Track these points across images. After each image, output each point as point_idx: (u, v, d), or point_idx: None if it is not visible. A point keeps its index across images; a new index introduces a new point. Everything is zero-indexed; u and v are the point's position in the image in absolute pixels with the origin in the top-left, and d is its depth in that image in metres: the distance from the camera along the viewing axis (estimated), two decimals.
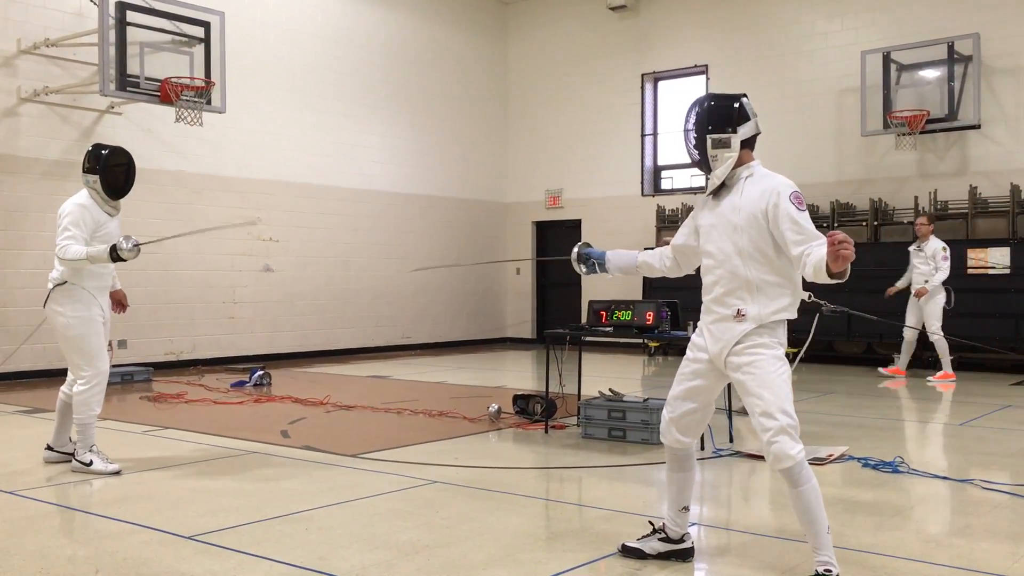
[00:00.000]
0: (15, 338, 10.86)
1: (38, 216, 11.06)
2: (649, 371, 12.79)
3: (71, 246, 5.64)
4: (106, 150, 5.88)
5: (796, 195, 3.55)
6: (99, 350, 5.78)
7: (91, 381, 5.73)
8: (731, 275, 3.63)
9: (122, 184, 5.91)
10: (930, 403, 9.48)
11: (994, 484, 5.45)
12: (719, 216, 3.69)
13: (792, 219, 3.48)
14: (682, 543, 3.97)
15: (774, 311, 3.60)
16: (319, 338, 14.28)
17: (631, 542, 4.04)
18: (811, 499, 3.50)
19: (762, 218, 3.56)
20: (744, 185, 3.66)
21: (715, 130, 3.67)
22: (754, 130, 3.73)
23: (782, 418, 3.48)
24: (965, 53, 12.55)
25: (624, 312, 7.09)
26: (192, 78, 11.11)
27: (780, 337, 3.64)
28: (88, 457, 5.75)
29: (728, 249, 3.64)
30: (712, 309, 3.73)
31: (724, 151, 3.67)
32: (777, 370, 3.56)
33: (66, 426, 6.03)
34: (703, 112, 3.72)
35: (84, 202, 5.82)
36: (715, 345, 3.70)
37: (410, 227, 15.66)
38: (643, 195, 15.93)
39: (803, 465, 3.48)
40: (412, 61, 15.78)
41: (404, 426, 7.73)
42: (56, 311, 5.78)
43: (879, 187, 13.51)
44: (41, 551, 4.16)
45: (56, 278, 5.80)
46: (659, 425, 6.68)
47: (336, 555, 4.10)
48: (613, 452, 6.53)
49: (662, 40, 15.79)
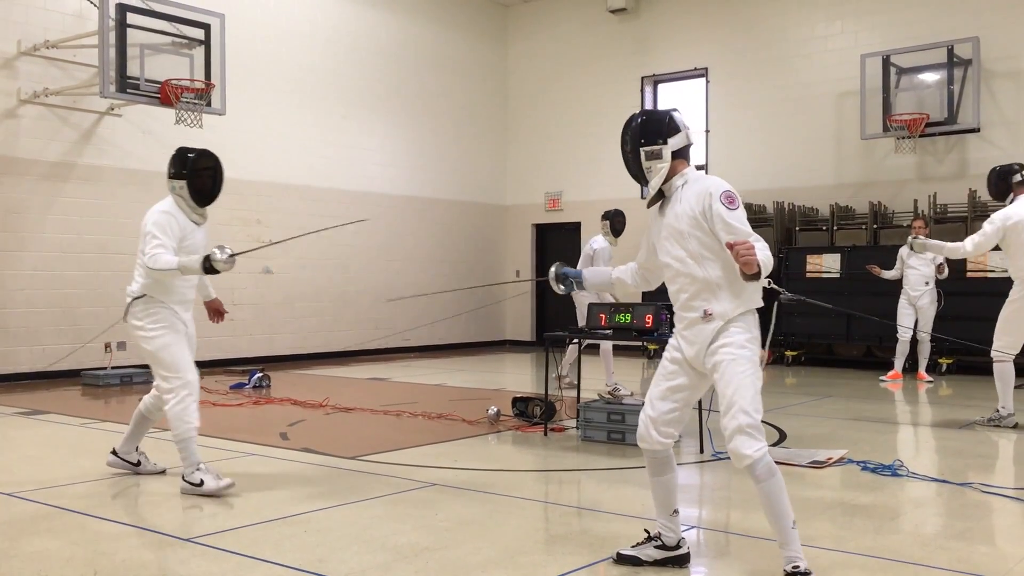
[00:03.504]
0: (15, 339, 10.86)
1: (37, 218, 11.07)
2: (648, 373, 12.79)
3: (161, 255, 5.25)
4: (192, 153, 5.56)
5: (727, 195, 3.68)
6: (184, 360, 5.41)
7: (179, 393, 5.34)
8: (691, 279, 3.77)
9: (210, 189, 5.54)
10: (929, 406, 9.47)
11: (993, 488, 5.45)
12: (666, 227, 3.85)
13: (724, 220, 3.63)
14: (678, 549, 3.96)
15: (737, 304, 3.72)
16: (318, 340, 14.28)
17: (626, 550, 4.02)
18: (773, 494, 3.59)
19: (702, 219, 3.70)
20: (681, 192, 3.82)
21: (647, 143, 3.88)
22: (685, 141, 3.90)
23: (741, 417, 3.58)
24: (965, 56, 12.56)
25: (623, 315, 7.09)
26: (192, 80, 11.12)
27: (752, 329, 3.75)
28: (198, 476, 5.27)
29: (681, 255, 3.79)
30: (682, 316, 3.85)
31: (656, 162, 3.86)
32: (742, 369, 3.64)
33: (137, 435, 5.75)
34: (636, 127, 3.95)
35: (170, 209, 5.44)
36: (691, 349, 3.80)
37: (409, 229, 15.66)
38: (643, 198, 15.90)
39: (761, 462, 3.57)
40: (412, 63, 15.79)
41: (403, 428, 7.72)
42: (135, 325, 5.53)
43: (878, 190, 13.51)
44: (39, 553, 4.16)
45: (135, 291, 5.51)
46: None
47: (334, 557, 4.10)
48: (612, 455, 6.53)
49: (662, 43, 15.80)
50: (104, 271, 11.59)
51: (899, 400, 9.87)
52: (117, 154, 11.79)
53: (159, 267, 5.24)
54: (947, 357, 11.98)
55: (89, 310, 11.44)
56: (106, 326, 11.52)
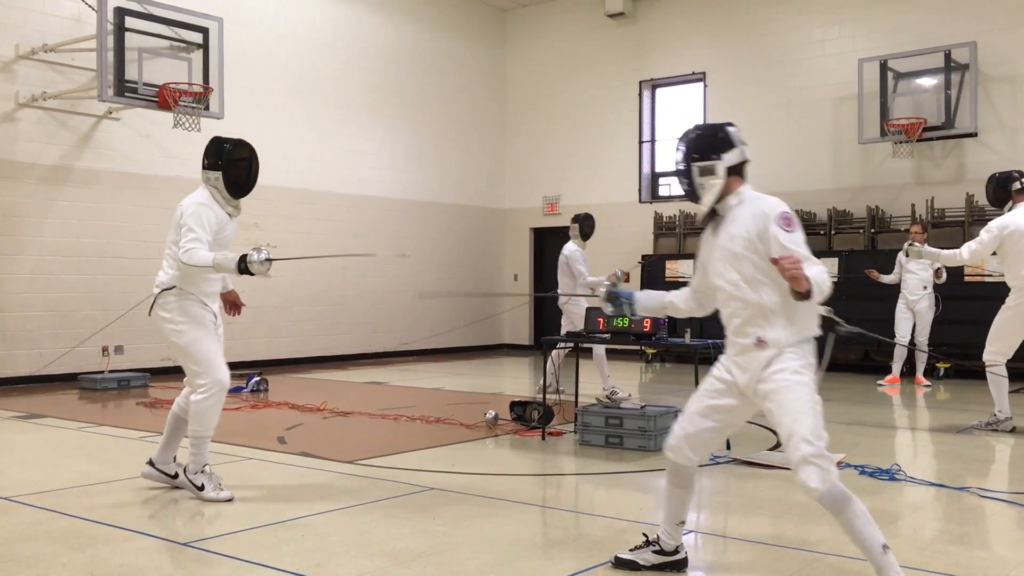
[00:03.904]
0: (12, 343, 10.85)
1: (35, 221, 11.06)
2: (646, 378, 12.79)
3: (197, 250, 5.08)
4: (228, 143, 5.41)
5: (784, 216, 3.55)
6: (215, 356, 5.26)
7: (210, 390, 5.20)
8: (744, 303, 3.62)
9: (245, 180, 5.40)
10: (927, 410, 9.48)
11: (991, 492, 5.45)
12: (719, 248, 3.70)
13: (780, 244, 3.47)
14: (676, 554, 3.95)
15: (793, 331, 3.55)
16: (316, 344, 14.27)
17: (624, 553, 4.00)
18: (852, 524, 3.39)
19: (758, 241, 3.55)
20: (735, 212, 3.68)
21: (700, 158, 3.73)
22: (740, 157, 3.75)
23: (804, 448, 3.40)
24: (962, 61, 12.58)
25: (622, 319, 7.09)
26: (190, 84, 11.12)
27: (807, 356, 3.57)
28: (200, 480, 5.21)
29: (735, 278, 3.63)
30: (734, 341, 3.69)
31: (710, 179, 3.71)
32: (798, 395, 3.47)
33: (173, 443, 5.50)
34: (689, 142, 3.79)
35: (206, 201, 5.30)
36: (743, 375, 3.64)
37: (408, 233, 15.65)
38: (641, 202, 15.95)
39: (832, 493, 3.38)
40: (411, 67, 15.80)
41: (401, 432, 7.72)
42: (163, 317, 5.29)
43: (876, 195, 13.53)
44: (36, 557, 4.15)
45: (164, 282, 5.30)
46: (656, 432, 6.73)
47: (332, 562, 4.09)
48: (610, 459, 6.52)
49: (660, 47, 15.82)
50: (102, 275, 11.59)
51: (896, 404, 9.88)
52: (115, 158, 11.79)
53: (194, 262, 5.08)
54: (944, 362, 11.99)
55: (87, 314, 11.42)
56: (104, 330, 11.52)
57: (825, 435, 3.46)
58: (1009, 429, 7.59)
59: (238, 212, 5.49)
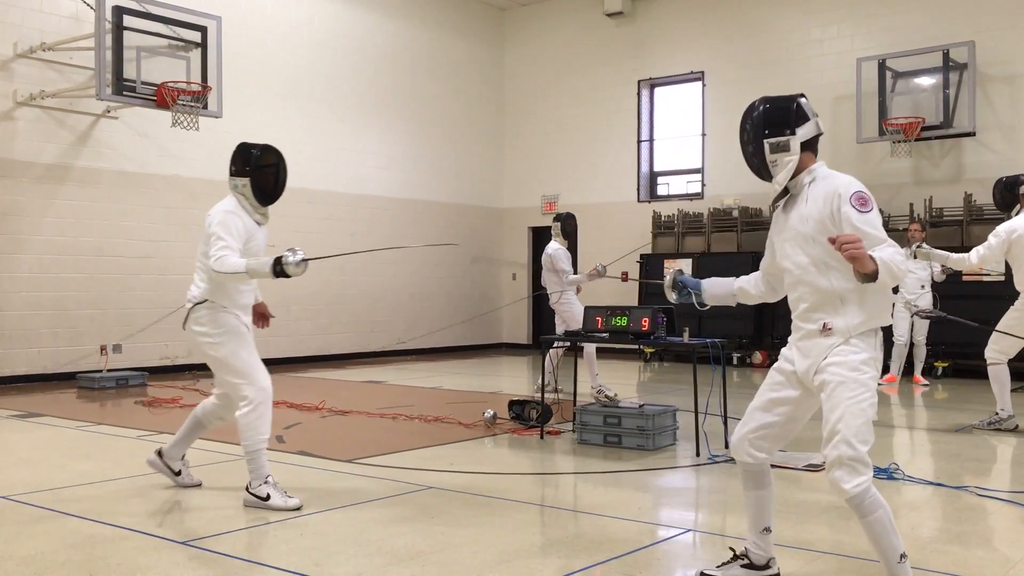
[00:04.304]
0: (10, 342, 10.84)
1: (33, 220, 11.05)
2: (645, 377, 12.79)
3: (228, 257, 4.92)
4: (255, 149, 5.21)
5: (859, 196, 3.35)
6: (255, 364, 5.16)
7: (254, 401, 5.05)
8: (813, 289, 3.42)
9: (272, 187, 5.22)
10: (925, 409, 9.49)
11: (989, 491, 5.46)
12: (790, 229, 3.51)
13: (853, 224, 3.27)
14: (767, 569, 3.71)
15: (863, 321, 3.37)
16: (314, 343, 14.27)
17: (711, 570, 3.76)
18: (875, 530, 3.29)
19: (830, 223, 3.35)
20: (808, 191, 3.47)
21: (772, 134, 3.49)
22: (815, 130, 3.53)
23: (842, 448, 3.26)
24: (960, 61, 12.59)
25: (620, 318, 7.10)
26: (188, 83, 11.11)
27: (872, 349, 3.39)
28: (264, 490, 5.01)
29: (804, 262, 3.44)
30: (799, 326, 3.52)
31: (784, 155, 3.48)
32: (852, 394, 3.30)
33: (186, 442, 5.47)
34: (759, 116, 3.54)
35: (234, 209, 5.13)
36: (803, 362, 3.47)
37: (406, 232, 15.64)
38: (639, 201, 15.95)
39: (862, 498, 3.26)
40: (409, 66, 15.80)
41: (399, 431, 7.72)
42: (197, 331, 5.18)
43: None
44: (33, 556, 4.15)
45: (197, 296, 5.19)
46: (654, 432, 6.73)
47: (330, 561, 4.09)
48: (608, 458, 6.53)
49: (658, 46, 15.82)
50: (100, 274, 11.58)
51: (895, 403, 9.88)
52: (113, 156, 11.78)
53: (226, 270, 4.92)
54: (943, 361, 12.00)
55: (85, 312, 11.42)
56: (102, 329, 11.52)
57: (870, 439, 3.32)
58: (1012, 427, 7.60)
59: (266, 220, 5.32)
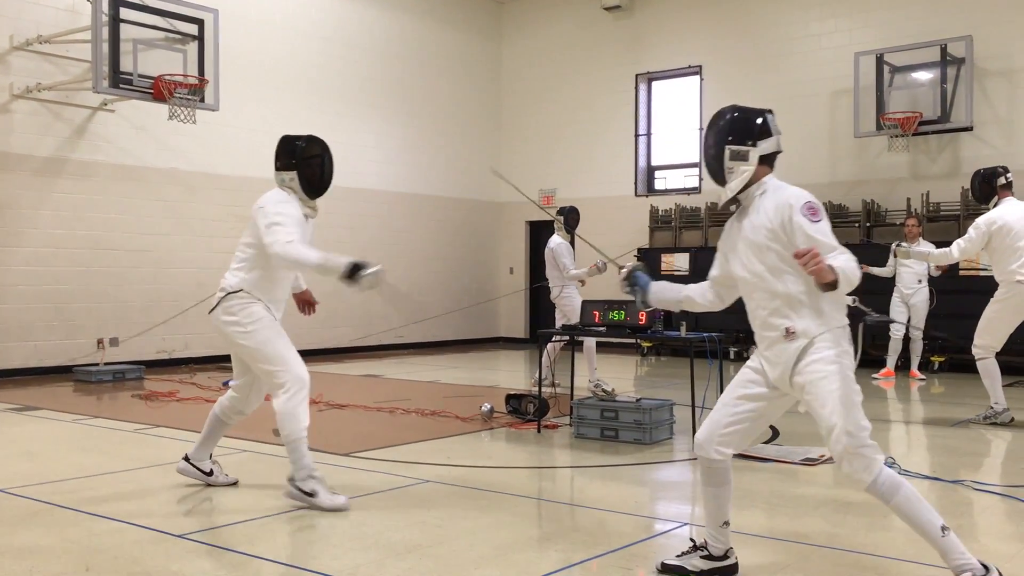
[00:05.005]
0: (6, 335, 10.83)
1: (30, 213, 11.03)
2: (642, 371, 12.80)
3: (297, 244, 4.68)
4: (300, 140, 5.05)
5: (809, 206, 3.44)
6: (290, 353, 4.98)
7: (291, 389, 4.91)
8: (771, 294, 3.51)
9: (319, 179, 5.03)
10: (921, 404, 9.50)
11: (985, 485, 5.47)
12: (742, 239, 3.60)
13: (806, 233, 3.37)
14: (726, 559, 3.78)
15: (821, 322, 3.46)
16: (311, 336, 14.22)
17: (671, 559, 3.83)
18: (905, 509, 3.36)
19: (782, 232, 3.46)
20: (759, 202, 3.57)
21: (734, 141, 3.60)
22: (775, 147, 3.64)
23: (845, 440, 3.34)
24: (958, 55, 12.58)
25: (617, 312, 7.10)
26: (185, 75, 11.08)
27: (841, 342, 3.47)
28: (311, 485, 4.85)
29: (759, 269, 3.53)
30: (763, 336, 3.59)
31: (740, 164, 3.59)
32: (835, 386, 3.38)
33: (210, 442, 5.39)
34: (725, 123, 3.66)
35: (288, 199, 4.97)
36: (774, 371, 3.54)
37: (403, 226, 15.65)
38: (636, 195, 15.95)
39: (879, 482, 3.35)
40: (407, 60, 15.77)
41: (396, 425, 7.72)
42: (226, 321, 4.99)
43: (872, 188, 13.54)
44: (30, 549, 4.15)
45: (233, 285, 4.99)
46: (651, 426, 6.74)
47: (327, 554, 4.10)
48: (605, 452, 6.54)
49: (656, 40, 15.81)
50: (96, 267, 11.56)
51: (891, 398, 9.90)
52: (110, 150, 11.76)
53: (296, 257, 4.67)
54: (939, 355, 12.02)
55: (81, 306, 11.40)
56: (98, 322, 11.51)
57: (867, 424, 3.39)
58: (1008, 420, 7.62)
59: (315, 213, 5.14)
